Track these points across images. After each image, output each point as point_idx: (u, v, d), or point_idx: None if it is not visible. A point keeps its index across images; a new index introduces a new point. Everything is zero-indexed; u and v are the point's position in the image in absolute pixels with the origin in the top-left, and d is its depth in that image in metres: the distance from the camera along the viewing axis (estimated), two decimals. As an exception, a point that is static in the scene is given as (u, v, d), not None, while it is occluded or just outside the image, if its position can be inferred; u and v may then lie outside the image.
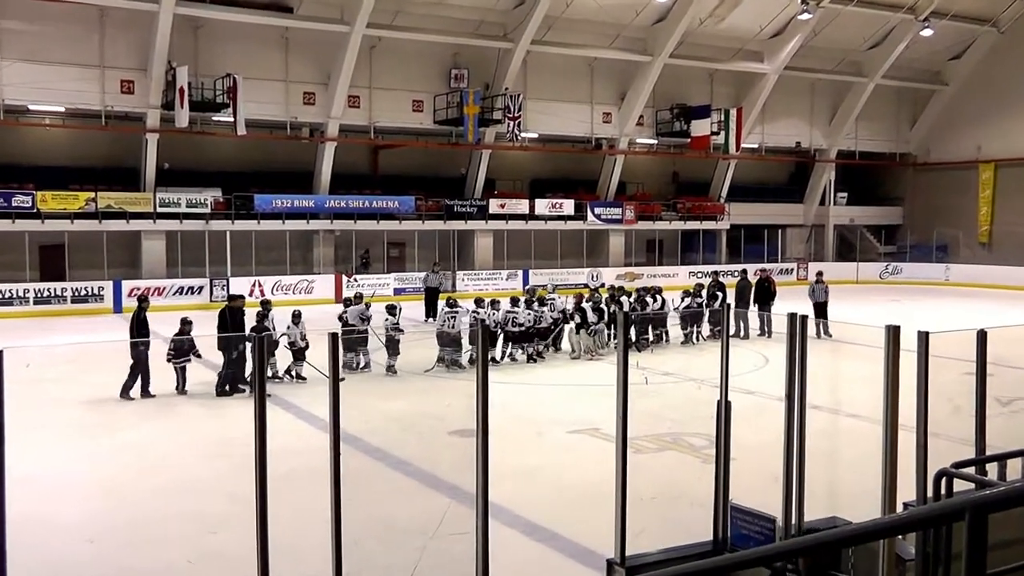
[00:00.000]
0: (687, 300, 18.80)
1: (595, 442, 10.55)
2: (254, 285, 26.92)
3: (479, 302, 16.40)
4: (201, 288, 26.60)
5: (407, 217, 30.75)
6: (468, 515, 5.36)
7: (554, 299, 17.25)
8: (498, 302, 16.77)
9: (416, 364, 15.44)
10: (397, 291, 29.02)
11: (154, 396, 13.11)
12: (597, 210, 34.15)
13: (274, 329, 14.17)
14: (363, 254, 30.63)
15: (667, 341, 18.16)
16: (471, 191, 32.87)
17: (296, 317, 14.65)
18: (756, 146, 38.54)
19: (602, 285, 21.03)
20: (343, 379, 14.25)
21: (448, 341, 15.35)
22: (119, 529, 8.00)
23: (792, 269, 37.62)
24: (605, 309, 16.82)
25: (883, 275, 37.21)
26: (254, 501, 4.55)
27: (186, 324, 13.75)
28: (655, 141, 36.34)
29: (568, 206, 33.48)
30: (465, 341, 15.23)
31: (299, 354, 14.37)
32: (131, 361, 13.19)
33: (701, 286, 19.66)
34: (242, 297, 15.27)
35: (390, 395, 13.64)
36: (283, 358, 14.33)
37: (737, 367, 10.52)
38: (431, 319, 22.01)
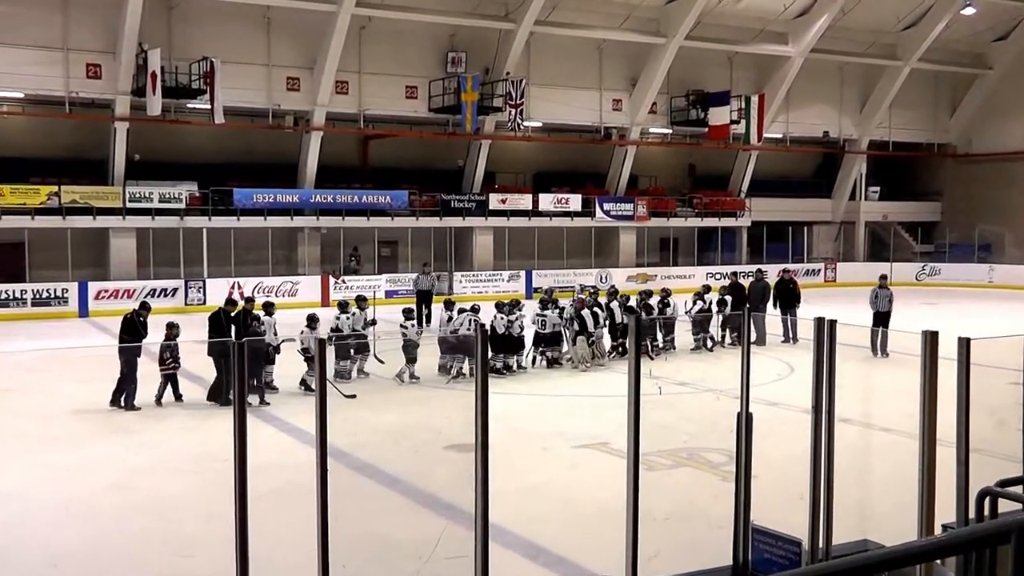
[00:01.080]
0: (699, 303, 18.81)
1: (604, 458, 10.56)
2: (233, 286, 26.90)
3: (500, 306, 16.40)
4: (175, 290, 26.64)
5: (400, 213, 30.76)
6: (466, 536, 5.37)
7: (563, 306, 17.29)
8: (519, 303, 16.80)
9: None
10: (389, 294, 29.01)
11: (139, 409, 13.17)
12: (606, 206, 34.18)
13: (275, 334, 14.15)
14: (352, 253, 30.65)
15: (673, 348, 18.18)
16: (469, 185, 32.88)
17: (313, 321, 14.64)
18: (780, 136, 38.56)
19: (612, 287, 20.95)
20: (353, 396, 14.20)
21: (462, 348, 15.41)
22: (85, 552, 7.99)
23: (819, 270, 37.65)
24: (601, 314, 16.74)
25: (919, 276, 37.20)
26: (233, 521, 4.56)
27: (172, 328, 13.76)
28: (669, 131, 36.37)
29: (575, 201, 33.49)
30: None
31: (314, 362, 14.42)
32: (120, 368, 13.25)
33: (708, 287, 19.69)
34: (237, 302, 15.11)
35: (381, 406, 13.66)
36: (279, 365, 14.23)
37: (759, 376, 10.44)
38: (426, 325, 22.13)
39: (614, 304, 17.83)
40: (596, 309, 16.84)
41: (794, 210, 39.03)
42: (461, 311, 16.01)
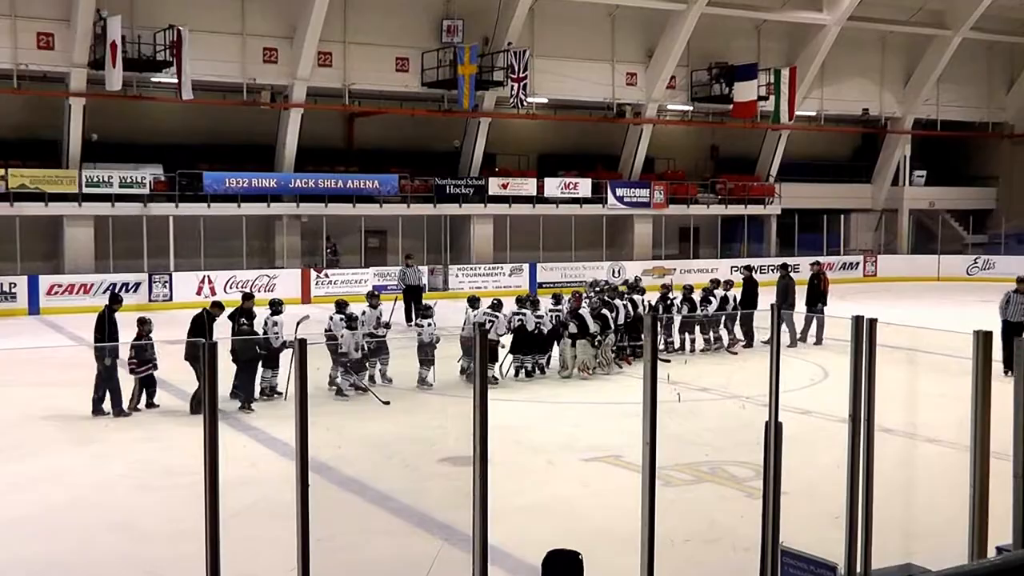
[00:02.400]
0: (713, 301, 18.86)
1: (616, 472, 10.60)
2: (203, 281, 26.92)
3: (521, 301, 16.38)
4: (138, 285, 26.61)
5: (389, 200, 30.79)
6: (463, 560, 5.37)
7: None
8: (539, 301, 16.80)
9: (401, 377, 15.47)
10: (377, 289, 28.92)
11: (129, 414, 13.27)
12: (619, 192, 34.20)
13: (282, 336, 14.15)
14: (330, 247, 30.60)
15: (683, 351, 18.25)
16: (467, 168, 32.90)
17: (352, 321, 14.75)
18: (813, 114, 38.53)
19: (625, 282, 20.89)
20: (388, 402, 14.17)
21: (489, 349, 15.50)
22: (38, 575, 8.00)
23: (857, 264, 37.65)
24: (609, 315, 16.51)
25: (971, 270, 37.18)
26: (203, 542, 4.56)
27: (144, 324, 13.70)
28: (690, 108, 36.36)
29: (584, 186, 33.52)
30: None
31: (358, 365, 14.54)
32: (98, 372, 13.27)
33: (716, 282, 19.72)
34: (243, 303, 14.82)
35: (369, 415, 13.65)
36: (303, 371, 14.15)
37: (790, 381, 10.72)
38: (412, 323, 22.04)
39: (637, 298, 17.91)
40: (605, 311, 16.59)
41: (829, 197, 39.06)
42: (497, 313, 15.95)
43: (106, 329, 13.53)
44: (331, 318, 15.21)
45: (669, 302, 18.62)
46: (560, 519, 9.27)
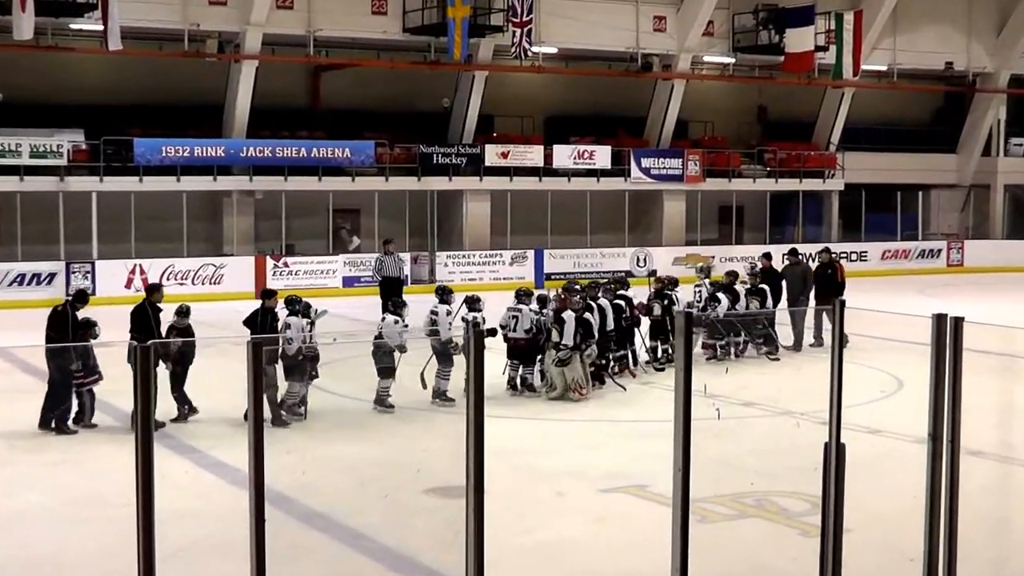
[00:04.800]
0: (722, 299, 18.66)
1: (641, 506, 10.55)
2: (133, 271, 26.91)
3: (526, 293, 16.30)
4: (52, 276, 26.56)
5: (364, 171, 30.83)
6: (453, 610, 5.42)
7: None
8: (546, 298, 16.65)
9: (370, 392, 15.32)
10: (348, 281, 29.04)
11: (75, 432, 13.38)
12: (645, 162, 34.19)
13: (302, 339, 14.10)
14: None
15: (667, 360, 18.11)
16: (458, 133, 32.92)
17: (445, 294, 15.58)
18: (884, 68, 38.54)
19: (652, 273, 20.81)
20: (451, 401, 14.16)
21: (527, 351, 15.62)
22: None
23: (939, 251, 37.59)
24: (593, 320, 16.15)
25: (1080, 259, 37.18)
26: (135, 586, 4.54)
27: (90, 327, 13.82)
28: (731, 60, 36.37)
29: (602, 155, 33.54)
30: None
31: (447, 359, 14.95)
32: (50, 377, 13.38)
33: (734, 274, 19.82)
34: (265, 301, 14.78)
35: (340, 434, 13.57)
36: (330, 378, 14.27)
37: (855, 393, 10.54)
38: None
39: (678, 294, 18.09)
40: (588, 315, 15.99)
41: (904, 169, 38.98)
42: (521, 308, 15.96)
43: (69, 332, 13.63)
44: (432, 311, 15.61)
45: (667, 300, 18.15)
46: (571, 563, 9.23)
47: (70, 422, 13.51)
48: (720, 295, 18.68)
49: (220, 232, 30.22)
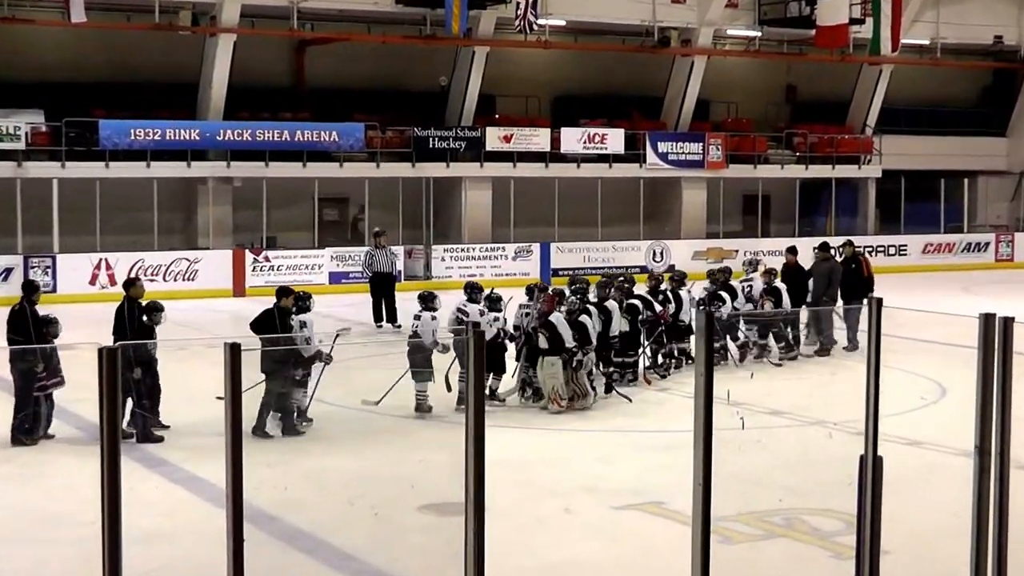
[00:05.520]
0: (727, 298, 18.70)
1: (656, 524, 10.62)
2: (98, 266, 26.88)
3: (530, 290, 16.38)
4: (9, 271, 26.48)
5: (352, 156, 30.90)
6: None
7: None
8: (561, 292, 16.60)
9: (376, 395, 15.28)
10: (335, 277, 28.89)
11: (36, 443, 13.37)
12: (662, 147, 34.23)
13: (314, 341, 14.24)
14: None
15: (688, 362, 18.02)
16: (456, 115, 33.07)
17: (495, 300, 15.70)
18: (927, 43, 38.66)
19: (671, 268, 20.90)
20: (501, 400, 14.49)
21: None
22: None
23: (987, 244, 37.59)
24: (589, 324, 15.97)
25: None
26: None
27: (51, 325, 13.86)
28: (758, 34, 36.51)
29: (615, 139, 33.56)
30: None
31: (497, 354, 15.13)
32: (15, 384, 13.43)
33: (754, 264, 20.06)
34: (280, 300, 14.75)
35: (327, 445, 13.68)
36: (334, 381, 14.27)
37: (894, 401, 10.67)
38: (384, 323, 22.43)
39: (683, 292, 18.01)
40: (584, 318, 15.87)
41: (948, 155, 39.03)
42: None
43: (30, 331, 13.59)
44: (459, 309, 15.71)
45: (663, 297, 18.04)
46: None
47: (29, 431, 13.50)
48: (722, 293, 18.68)
49: (194, 223, 30.35)
